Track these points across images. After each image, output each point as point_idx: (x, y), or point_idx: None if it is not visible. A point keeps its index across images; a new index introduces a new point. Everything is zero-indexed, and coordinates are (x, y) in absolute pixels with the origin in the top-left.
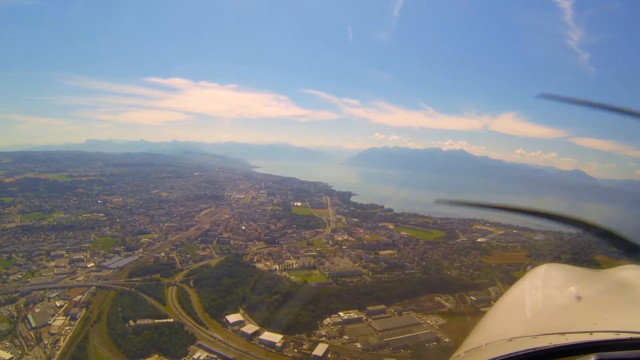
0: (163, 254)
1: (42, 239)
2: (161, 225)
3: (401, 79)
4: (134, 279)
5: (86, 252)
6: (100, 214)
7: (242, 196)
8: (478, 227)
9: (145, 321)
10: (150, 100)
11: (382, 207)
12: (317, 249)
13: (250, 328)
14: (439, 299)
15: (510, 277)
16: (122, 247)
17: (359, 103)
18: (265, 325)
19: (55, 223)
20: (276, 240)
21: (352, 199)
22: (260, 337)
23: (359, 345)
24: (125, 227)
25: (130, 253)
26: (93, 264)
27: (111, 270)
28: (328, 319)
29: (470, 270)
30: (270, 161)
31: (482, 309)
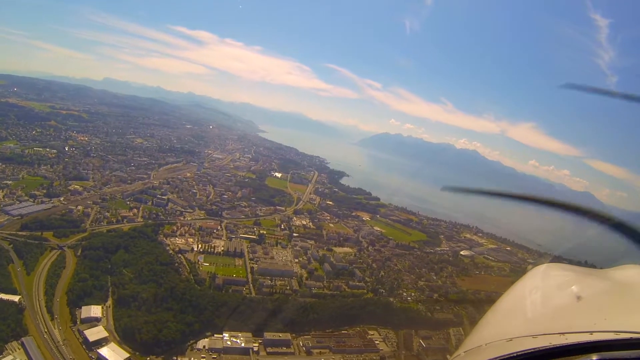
0: (81, 207)
1: None
2: (107, 173)
3: (426, 70)
4: (21, 233)
5: (1, 191)
6: (53, 150)
7: (221, 157)
8: (468, 235)
9: None
10: (174, 49)
11: (369, 193)
12: (261, 231)
13: (96, 333)
14: (375, 334)
15: (482, 312)
16: (44, 191)
17: (381, 86)
18: (121, 331)
19: None
20: (220, 213)
21: (343, 180)
22: (100, 349)
23: None
24: (67, 168)
25: (47, 200)
26: None
27: (8, 217)
28: (206, 340)
29: (435, 296)
30: (281, 128)
31: None
